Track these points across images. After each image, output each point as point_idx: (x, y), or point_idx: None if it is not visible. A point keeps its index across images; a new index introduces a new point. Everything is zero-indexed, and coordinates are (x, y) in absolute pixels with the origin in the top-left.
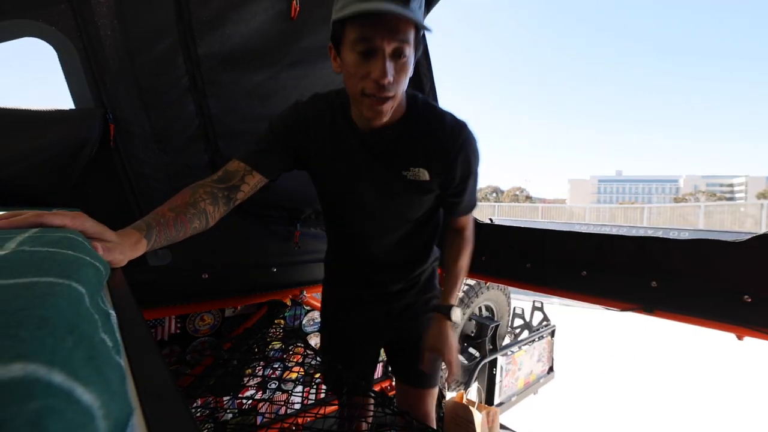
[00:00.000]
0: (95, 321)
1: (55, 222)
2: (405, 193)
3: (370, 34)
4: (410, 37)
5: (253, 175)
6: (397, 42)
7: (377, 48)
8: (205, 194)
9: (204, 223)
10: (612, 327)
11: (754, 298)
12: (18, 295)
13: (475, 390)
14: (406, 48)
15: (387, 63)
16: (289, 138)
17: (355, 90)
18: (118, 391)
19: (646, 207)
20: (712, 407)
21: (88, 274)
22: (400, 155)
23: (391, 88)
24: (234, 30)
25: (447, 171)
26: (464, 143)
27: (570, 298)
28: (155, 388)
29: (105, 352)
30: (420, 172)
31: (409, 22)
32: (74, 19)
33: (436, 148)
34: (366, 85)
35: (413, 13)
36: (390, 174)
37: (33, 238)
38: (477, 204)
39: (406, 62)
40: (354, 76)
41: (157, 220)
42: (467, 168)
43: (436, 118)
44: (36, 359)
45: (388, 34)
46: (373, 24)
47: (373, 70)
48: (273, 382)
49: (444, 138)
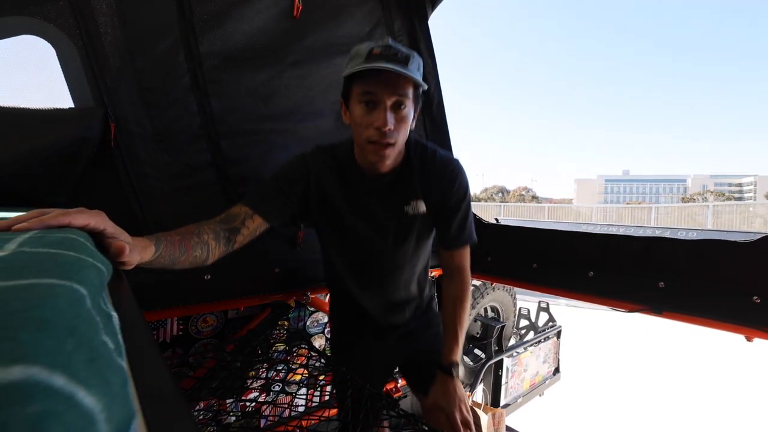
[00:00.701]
0: (96, 323)
1: (80, 221)
2: (408, 229)
3: (373, 89)
4: (409, 92)
5: (253, 219)
6: (396, 96)
7: (379, 100)
8: (209, 230)
9: (204, 255)
10: (618, 328)
11: (764, 299)
12: (18, 297)
13: (481, 391)
14: (405, 101)
15: (388, 113)
16: (294, 186)
17: (362, 138)
18: (119, 394)
19: (654, 207)
20: (719, 409)
21: (90, 275)
22: (400, 192)
23: (392, 136)
24: (236, 28)
25: (441, 198)
26: (455, 170)
27: (576, 299)
28: (157, 391)
29: (106, 355)
30: (419, 204)
31: (407, 80)
32: (73, 17)
33: (430, 180)
34: (370, 133)
35: (411, 73)
36: (393, 212)
37: (34, 239)
38: (474, 240)
39: (405, 114)
40: (360, 126)
41: (165, 237)
42: (461, 191)
43: (428, 153)
44: (36, 362)
45: (389, 88)
46: (376, 80)
47: (376, 119)
48: (277, 384)
49: (436, 168)
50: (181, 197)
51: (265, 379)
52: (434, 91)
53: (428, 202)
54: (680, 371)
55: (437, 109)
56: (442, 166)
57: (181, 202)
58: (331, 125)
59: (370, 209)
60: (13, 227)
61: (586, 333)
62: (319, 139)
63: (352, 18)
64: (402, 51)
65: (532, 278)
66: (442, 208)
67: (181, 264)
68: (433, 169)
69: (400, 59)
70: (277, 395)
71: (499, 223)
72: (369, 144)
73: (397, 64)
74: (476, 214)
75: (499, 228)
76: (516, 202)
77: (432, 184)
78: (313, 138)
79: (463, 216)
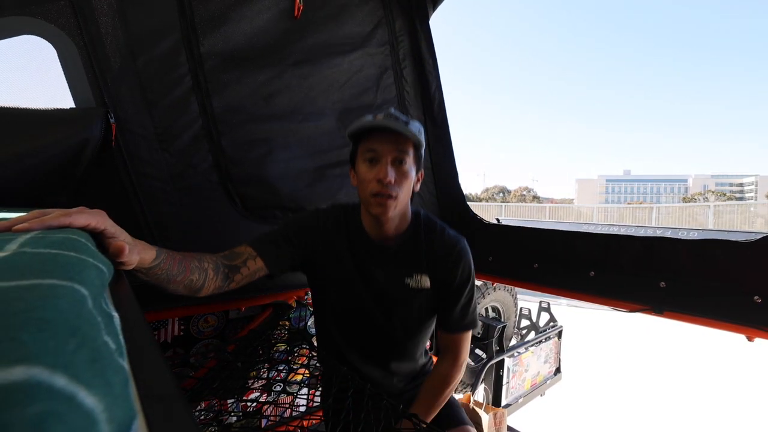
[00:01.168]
0: (98, 323)
1: (80, 222)
2: (408, 301)
3: (376, 146)
4: (409, 150)
5: (255, 261)
6: (397, 152)
7: (381, 155)
8: (211, 260)
9: (201, 282)
10: (620, 328)
11: (765, 299)
12: (19, 297)
13: (482, 391)
14: (406, 158)
15: (389, 167)
16: (302, 237)
17: (366, 193)
18: (121, 395)
19: (655, 207)
20: (721, 408)
21: (91, 275)
22: (404, 264)
23: (393, 189)
24: (237, 28)
25: (446, 276)
26: (461, 251)
27: (577, 299)
28: (158, 391)
29: (108, 355)
30: (422, 279)
31: (408, 139)
32: (74, 17)
33: (436, 256)
34: (373, 186)
35: (411, 133)
36: (394, 283)
37: (35, 240)
38: (477, 325)
39: (406, 171)
40: (364, 182)
41: (167, 251)
42: (466, 273)
43: (436, 229)
44: (38, 362)
45: (391, 145)
46: (379, 138)
47: (378, 172)
48: (278, 384)
49: (443, 246)
50: (183, 197)
51: (267, 379)
52: (435, 92)
53: (432, 280)
54: (681, 371)
55: (438, 109)
56: (450, 244)
57: (183, 203)
58: (332, 125)
59: (373, 276)
60: (13, 228)
61: (587, 333)
62: (321, 138)
63: (353, 18)
64: (402, 117)
65: (533, 278)
66: (446, 287)
67: (176, 284)
68: (441, 246)
69: (401, 122)
70: (279, 395)
71: (500, 223)
72: (372, 197)
73: (399, 124)
74: (477, 214)
75: (500, 228)
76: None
77: (438, 261)
78: (314, 138)
79: (467, 300)
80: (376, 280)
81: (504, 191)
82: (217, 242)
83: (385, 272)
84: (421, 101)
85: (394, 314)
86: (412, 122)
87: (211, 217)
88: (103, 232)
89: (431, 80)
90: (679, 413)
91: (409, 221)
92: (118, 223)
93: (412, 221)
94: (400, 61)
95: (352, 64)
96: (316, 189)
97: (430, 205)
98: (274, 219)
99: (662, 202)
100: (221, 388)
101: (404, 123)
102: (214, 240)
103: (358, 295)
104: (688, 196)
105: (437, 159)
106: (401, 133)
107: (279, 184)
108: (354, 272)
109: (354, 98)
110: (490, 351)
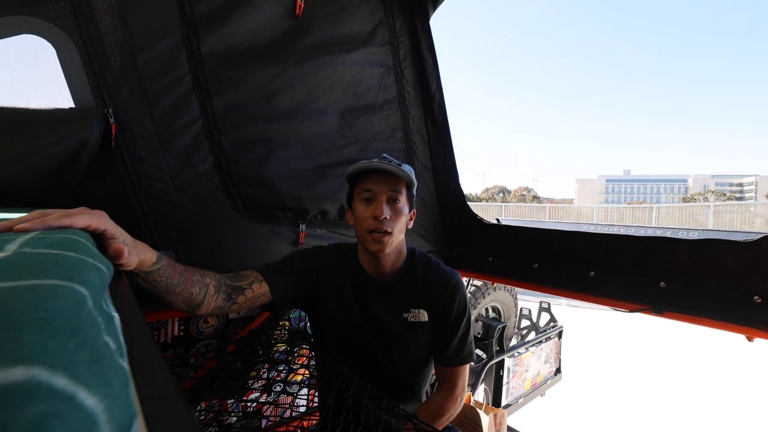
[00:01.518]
0: (98, 324)
1: (81, 223)
2: (406, 336)
3: (371, 186)
4: (402, 190)
5: (260, 285)
6: (391, 191)
7: (376, 195)
8: (214, 277)
9: (200, 297)
10: (620, 328)
11: (764, 299)
12: (20, 298)
13: (482, 392)
14: (399, 197)
15: (384, 205)
16: (308, 272)
17: (363, 231)
18: (121, 395)
19: (655, 207)
20: (721, 408)
21: (91, 276)
22: (401, 299)
23: (388, 225)
24: (238, 27)
25: (443, 310)
26: (456, 286)
27: (577, 299)
28: (158, 392)
29: (108, 356)
30: (420, 313)
31: (401, 179)
32: (74, 16)
33: (432, 291)
34: (370, 223)
35: (404, 173)
36: (392, 318)
37: (35, 240)
38: (474, 359)
39: (400, 208)
40: (361, 219)
41: (168, 259)
42: (461, 308)
43: (431, 265)
44: (38, 363)
45: (385, 185)
46: (374, 179)
47: (374, 210)
48: (278, 384)
49: (439, 281)
50: (183, 197)
51: (267, 379)
52: (435, 92)
53: (430, 314)
54: (681, 371)
55: (438, 109)
56: (446, 279)
57: (183, 203)
58: (334, 124)
59: (373, 311)
60: (14, 228)
61: (588, 333)
62: (322, 138)
63: (354, 18)
64: (395, 160)
65: (533, 278)
66: (442, 322)
67: (174, 296)
68: (437, 281)
69: (394, 164)
70: (279, 395)
71: (500, 224)
72: (369, 234)
73: (392, 167)
74: (477, 214)
75: (500, 228)
76: (517, 202)
77: (435, 297)
78: (315, 137)
79: (464, 333)
80: (376, 315)
81: (504, 191)
82: (217, 242)
83: (383, 307)
84: (422, 101)
85: (393, 349)
86: (404, 165)
87: (212, 217)
88: (104, 233)
89: (431, 80)
90: (679, 413)
91: (405, 258)
92: (119, 223)
93: (407, 258)
94: (401, 61)
95: (354, 64)
96: (317, 189)
97: (430, 206)
98: (275, 219)
99: (662, 202)
100: (221, 389)
101: (398, 163)
102: (214, 240)
103: (360, 331)
104: (688, 196)
105: (437, 159)
106: (395, 173)
107: (280, 183)
108: (355, 307)
109: (356, 98)
110: (490, 351)
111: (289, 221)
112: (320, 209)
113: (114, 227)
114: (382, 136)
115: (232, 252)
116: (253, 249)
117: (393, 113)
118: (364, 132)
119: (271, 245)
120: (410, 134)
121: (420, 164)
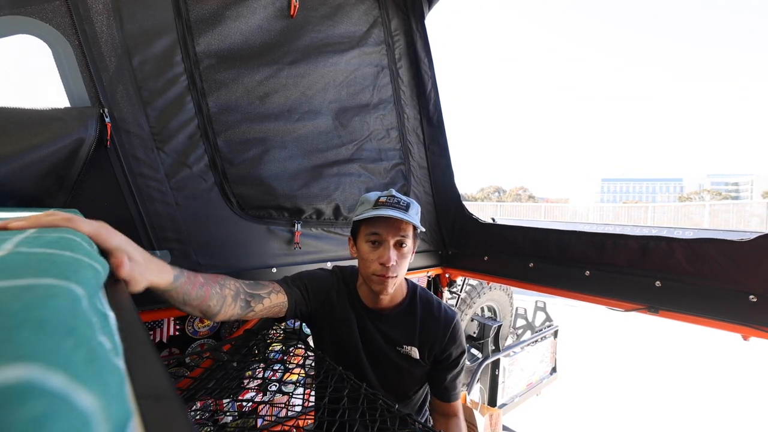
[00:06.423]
0: (94, 323)
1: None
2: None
3: (379, 230)
4: (409, 233)
5: (278, 296)
6: (399, 236)
7: (384, 239)
8: (233, 287)
9: (217, 308)
10: (615, 327)
11: (760, 298)
12: (16, 297)
13: (478, 391)
14: (406, 241)
15: (391, 251)
16: (318, 290)
17: (368, 271)
18: (116, 395)
19: (651, 206)
20: (716, 407)
21: (87, 275)
22: (394, 334)
23: (394, 270)
24: (233, 27)
25: (441, 352)
26: (456, 328)
27: (573, 298)
28: (154, 391)
29: (104, 355)
30: (411, 351)
31: (408, 224)
32: (69, 16)
33: (430, 333)
34: (375, 267)
35: (411, 218)
36: (388, 347)
37: (31, 239)
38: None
39: (406, 252)
40: (366, 260)
41: (189, 274)
42: (460, 349)
43: (433, 305)
44: (34, 362)
45: (393, 231)
46: (383, 224)
47: (381, 255)
48: (273, 384)
49: (439, 324)
50: (178, 197)
51: (262, 378)
52: (431, 91)
53: (421, 353)
54: (677, 369)
55: (434, 108)
56: (446, 322)
57: (178, 202)
58: (329, 124)
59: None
60: (9, 225)
61: (583, 332)
62: (317, 138)
63: (349, 17)
64: (403, 200)
65: (528, 277)
66: (439, 362)
67: (191, 307)
68: (436, 324)
69: (402, 207)
70: (274, 395)
71: (495, 223)
72: (374, 276)
73: (400, 211)
74: (473, 214)
75: (495, 227)
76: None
77: (432, 339)
78: (310, 137)
79: (459, 371)
80: (373, 339)
81: (499, 191)
82: (213, 242)
83: (380, 334)
84: (417, 101)
85: (387, 377)
86: (412, 204)
87: (207, 216)
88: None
89: (427, 80)
90: (675, 411)
91: (405, 292)
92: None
93: (408, 294)
94: (396, 61)
95: (349, 64)
96: (313, 188)
97: (426, 205)
98: (270, 218)
99: (658, 201)
100: (217, 388)
101: (406, 205)
102: (210, 239)
103: (358, 355)
104: (684, 196)
105: (433, 159)
106: (403, 219)
107: (275, 183)
108: (355, 329)
109: (350, 97)
110: (485, 350)
111: (284, 221)
112: (315, 209)
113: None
114: (377, 136)
115: (228, 251)
116: (248, 248)
117: (388, 113)
118: (359, 131)
119: (267, 244)
120: (405, 133)
121: (415, 163)
